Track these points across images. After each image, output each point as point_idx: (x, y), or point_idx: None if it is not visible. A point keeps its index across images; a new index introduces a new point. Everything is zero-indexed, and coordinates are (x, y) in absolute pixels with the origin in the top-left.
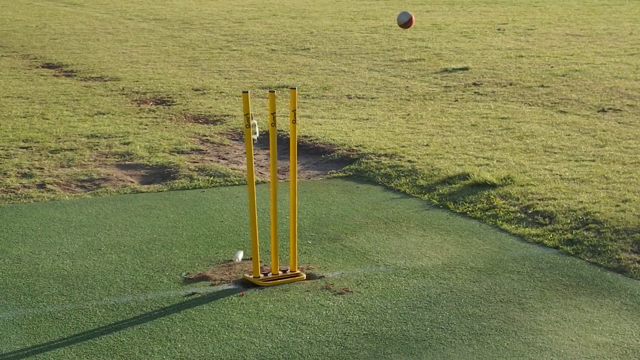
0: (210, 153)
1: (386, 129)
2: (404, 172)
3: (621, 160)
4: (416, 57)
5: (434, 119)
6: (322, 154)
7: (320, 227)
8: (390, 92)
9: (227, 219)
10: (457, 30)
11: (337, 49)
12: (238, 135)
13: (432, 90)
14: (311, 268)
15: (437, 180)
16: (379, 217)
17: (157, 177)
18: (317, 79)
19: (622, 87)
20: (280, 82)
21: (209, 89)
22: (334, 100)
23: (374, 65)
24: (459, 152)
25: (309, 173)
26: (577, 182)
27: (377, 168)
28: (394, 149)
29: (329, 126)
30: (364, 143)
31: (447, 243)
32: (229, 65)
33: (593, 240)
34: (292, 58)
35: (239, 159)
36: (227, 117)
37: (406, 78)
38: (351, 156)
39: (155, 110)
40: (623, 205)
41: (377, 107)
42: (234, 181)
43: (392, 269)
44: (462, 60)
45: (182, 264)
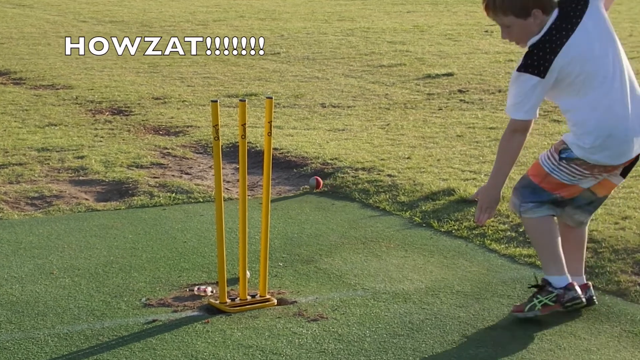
0: (172, 167)
1: (364, 141)
2: (383, 187)
3: None
4: (396, 62)
5: (416, 129)
6: (294, 168)
7: (292, 248)
8: (368, 101)
9: (190, 239)
10: (440, 33)
11: (310, 54)
12: (202, 148)
13: (414, 98)
14: (283, 292)
15: (419, 196)
16: (356, 236)
17: (114, 194)
18: (288, 86)
19: None
20: (249, 89)
21: (171, 98)
22: (307, 109)
23: (351, 71)
24: (443, 165)
25: (279, 189)
26: None
27: (354, 183)
28: (372, 162)
29: (302, 137)
30: (339, 156)
31: (430, 265)
32: (192, 72)
33: (590, 261)
34: (261, 63)
35: (204, 174)
36: (190, 128)
37: (385, 85)
38: (326, 170)
39: (112, 121)
40: (622, 222)
41: (353, 116)
42: (198, 198)
43: (371, 293)
44: (447, 65)
45: (141, 288)
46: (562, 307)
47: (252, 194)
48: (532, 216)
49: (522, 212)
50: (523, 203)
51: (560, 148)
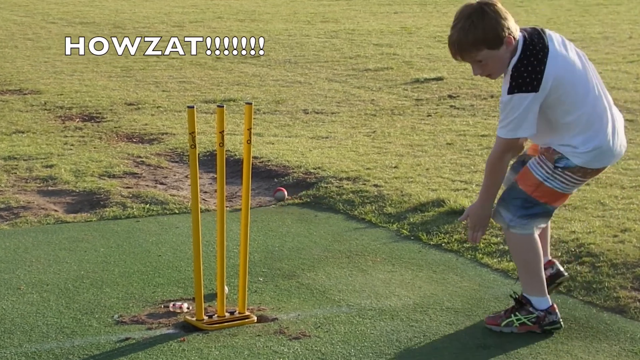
0: (146, 177)
1: (348, 149)
2: (369, 198)
3: (619, 183)
4: (383, 66)
5: (404, 136)
6: (274, 178)
7: (273, 262)
8: (353, 106)
9: (165, 252)
10: (429, 35)
11: (291, 57)
12: (178, 157)
13: (402, 104)
14: (263, 309)
15: (407, 207)
16: (340, 250)
17: (85, 205)
18: (268, 91)
19: (620, 99)
20: (227, 95)
21: (144, 104)
22: (289, 115)
23: (335, 75)
24: (432, 175)
25: (259, 200)
26: (569, 208)
27: (338, 194)
28: (357, 171)
29: (283, 145)
30: (323, 165)
31: (419, 280)
32: (167, 76)
33: (587, 276)
34: (240, 67)
35: (179, 184)
36: (165, 135)
37: (371, 90)
38: (308, 180)
39: (83, 128)
40: (622, 235)
41: (338, 123)
42: (174, 209)
43: (356, 309)
44: (436, 69)
45: (114, 305)
46: (540, 329)
47: (230, 205)
48: (520, 232)
49: (511, 227)
50: (514, 217)
51: (555, 157)
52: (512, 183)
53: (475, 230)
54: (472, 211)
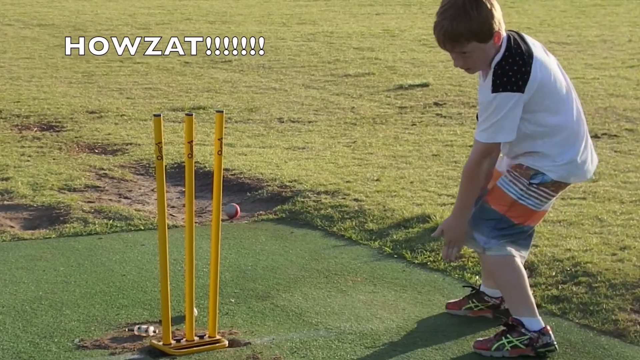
0: (109, 191)
1: (327, 160)
2: (349, 213)
3: (618, 197)
4: (364, 71)
5: (386, 147)
6: (247, 192)
7: (245, 282)
8: (332, 115)
9: (130, 272)
10: (414, 38)
11: (265, 61)
12: (144, 169)
13: (384, 112)
14: (235, 333)
15: (390, 223)
16: (318, 269)
17: (44, 221)
18: (241, 99)
19: (619, 107)
20: (196, 102)
21: (108, 112)
22: (262, 124)
23: (312, 81)
24: (417, 188)
25: None
26: (564, 225)
27: (316, 209)
28: (336, 184)
29: (256, 157)
30: (299, 178)
31: (403, 301)
32: (132, 82)
33: (584, 297)
34: (210, 72)
35: (145, 198)
36: (129, 146)
37: (352, 97)
38: (284, 194)
39: (41, 138)
40: (621, 253)
41: (315, 133)
42: (139, 225)
43: (335, 333)
44: (421, 74)
45: (74, 328)
46: (533, 352)
47: (200, 220)
48: (497, 254)
49: (487, 250)
50: (489, 239)
51: (531, 173)
52: (481, 204)
53: (451, 246)
54: (448, 225)
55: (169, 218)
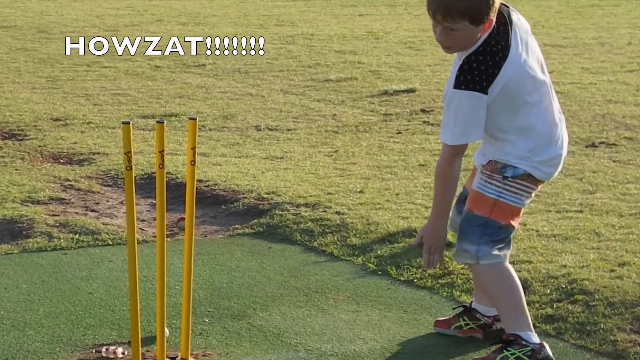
0: (75, 203)
1: (307, 171)
2: (330, 227)
3: (617, 210)
4: (346, 76)
5: (370, 157)
6: (222, 204)
7: (220, 301)
8: (312, 122)
9: (97, 290)
10: (400, 40)
11: (241, 65)
12: (112, 180)
13: (368, 120)
14: (209, 354)
15: (374, 238)
16: (297, 286)
17: (5, 235)
18: (215, 105)
19: (617, 114)
20: (167, 109)
21: (73, 119)
22: (238, 132)
23: (291, 86)
24: (403, 200)
25: (205, 229)
26: (560, 239)
27: (295, 222)
28: (317, 197)
29: (232, 167)
30: (277, 189)
31: (387, 321)
32: (100, 87)
33: (580, 317)
34: (183, 77)
35: (113, 211)
36: (97, 155)
37: (333, 103)
38: (261, 206)
39: (3, 147)
40: (619, 270)
41: (294, 141)
42: (107, 240)
43: (316, 355)
44: (407, 79)
45: (38, 349)
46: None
47: (171, 235)
48: (490, 262)
49: (480, 259)
50: (480, 246)
51: (499, 167)
52: (465, 213)
53: (431, 253)
54: (426, 232)
55: (138, 232)
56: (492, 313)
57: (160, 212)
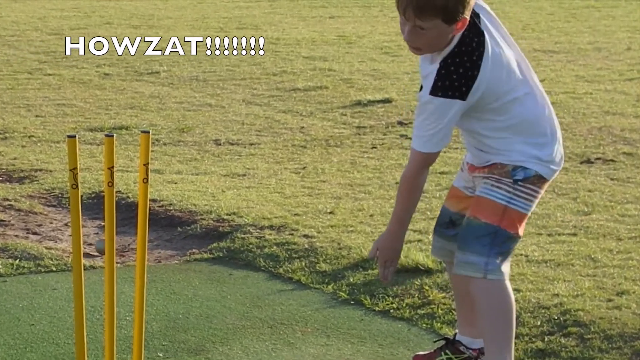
0: (15, 225)
1: (272, 190)
2: (298, 252)
3: (615, 233)
4: (315, 85)
5: (342, 174)
6: (178, 226)
7: (175, 333)
8: (277, 136)
9: (39, 321)
10: (374, 45)
11: (199, 73)
12: (56, 199)
13: (339, 133)
14: None
15: (346, 263)
16: (261, 317)
17: None
18: (170, 117)
19: (615, 126)
20: (117, 121)
21: (13, 132)
22: (196, 147)
23: (254, 96)
24: (378, 222)
25: (159, 254)
26: (551, 265)
27: (258, 246)
28: (283, 218)
29: (188, 185)
30: (239, 210)
31: (361, 355)
32: (42, 97)
33: (574, 351)
34: (135, 86)
35: (58, 234)
36: (39, 172)
37: (301, 115)
38: (221, 229)
39: None
40: (618, 299)
41: (258, 157)
42: (50, 266)
43: None
44: (383, 88)
45: None
46: None
47: (122, 260)
48: (498, 277)
49: (489, 273)
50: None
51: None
52: (469, 221)
53: (386, 266)
54: (383, 244)
55: (85, 258)
56: (477, 345)
57: (110, 235)
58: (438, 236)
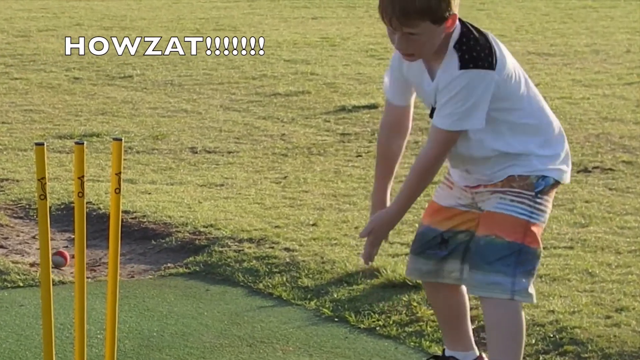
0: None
1: (251, 200)
2: (278, 266)
3: (613, 246)
4: (297, 89)
5: (325, 184)
6: (152, 239)
7: (149, 352)
8: (257, 143)
9: (5, 339)
10: (360, 47)
11: (174, 77)
12: (23, 211)
13: (322, 140)
14: None
15: (330, 278)
16: (240, 335)
17: None
18: (144, 123)
19: (614, 133)
20: (88, 128)
21: None
22: (171, 155)
23: (233, 101)
24: None
25: (132, 268)
26: (547, 280)
27: (237, 260)
28: (263, 230)
29: (163, 196)
30: (217, 222)
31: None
32: (9, 103)
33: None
34: (106, 91)
35: (25, 247)
36: (5, 182)
37: (282, 121)
38: (197, 242)
39: None
40: (617, 316)
41: (237, 166)
42: (17, 281)
43: None
44: (368, 93)
45: None
46: None
47: (93, 275)
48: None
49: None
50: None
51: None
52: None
53: (375, 244)
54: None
55: (54, 272)
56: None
57: (80, 249)
58: (426, 259)
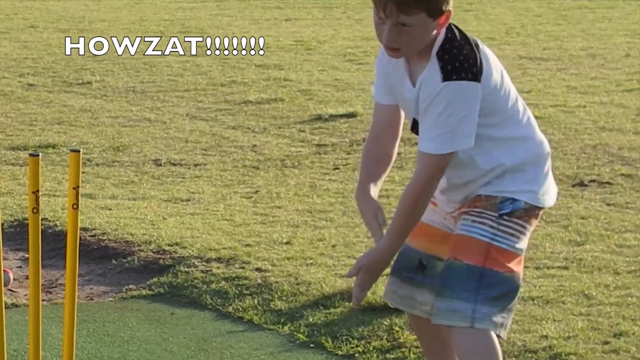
0: None
1: (220, 217)
2: (249, 288)
3: (611, 266)
4: (270, 97)
5: (300, 199)
6: (112, 259)
7: None
8: (226, 155)
9: None
10: (337, 51)
11: (137, 83)
12: None
13: (297, 152)
14: None
15: (305, 301)
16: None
17: None
18: (104, 133)
19: (612, 144)
20: (43, 138)
21: None
22: (133, 168)
23: (200, 109)
24: (341, 254)
25: (91, 290)
26: (539, 303)
27: (204, 281)
28: (232, 249)
29: (125, 212)
30: (182, 240)
31: None
32: None
33: None
34: (63, 98)
35: None
36: None
37: (253, 131)
38: (162, 262)
39: None
40: (615, 341)
41: (204, 179)
42: None
43: None
44: (347, 100)
45: None
46: None
47: (49, 297)
48: (487, 327)
49: (477, 321)
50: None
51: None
52: (450, 263)
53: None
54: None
55: (6, 294)
56: None
57: (35, 269)
58: (402, 282)
